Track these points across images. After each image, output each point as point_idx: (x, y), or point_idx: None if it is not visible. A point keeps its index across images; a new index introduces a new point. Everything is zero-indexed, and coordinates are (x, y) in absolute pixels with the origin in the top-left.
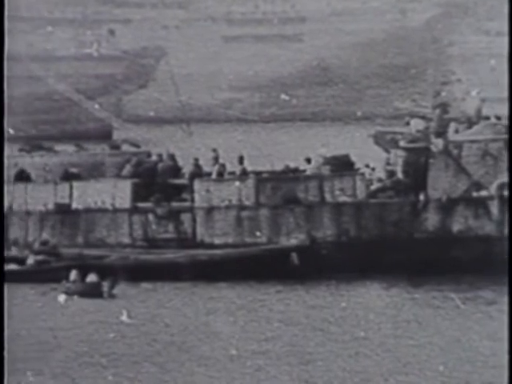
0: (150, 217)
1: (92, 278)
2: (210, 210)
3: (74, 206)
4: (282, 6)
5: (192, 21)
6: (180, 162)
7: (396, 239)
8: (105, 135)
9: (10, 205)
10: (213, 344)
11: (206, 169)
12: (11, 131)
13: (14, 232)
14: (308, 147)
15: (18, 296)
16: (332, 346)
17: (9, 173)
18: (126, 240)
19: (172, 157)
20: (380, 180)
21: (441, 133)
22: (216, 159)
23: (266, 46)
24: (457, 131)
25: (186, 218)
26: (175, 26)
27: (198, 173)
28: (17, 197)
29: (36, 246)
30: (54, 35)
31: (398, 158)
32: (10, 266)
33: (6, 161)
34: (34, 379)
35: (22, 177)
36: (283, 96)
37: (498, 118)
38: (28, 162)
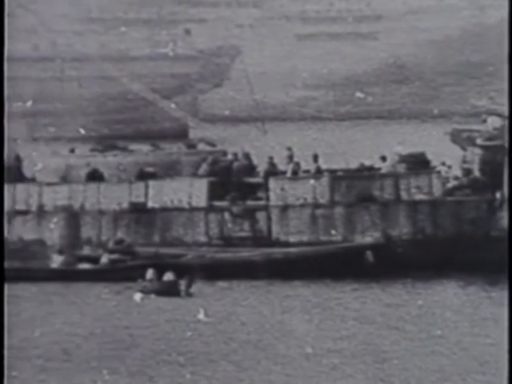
0: (226, 215)
1: (169, 276)
2: (284, 209)
3: (150, 204)
4: (357, 4)
5: (266, 19)
6: (255, 161)
7: (472, 237)
8: (181, 134)
9: (82, 204)
10: (288, 342)
11: (281, 167)
12: (82, 131)
13: (86, 231)
14: (383, 145)
15: (92, 295)
16: (408, 344)
17: (79, 172)
18: (203, 238)
19: (247, 155)
20: (456, 178)
21: None
22: (291, 157)
23: (341, 43)
24: None
25: (261, 216)
26: (249, 24)
27: (272, 171)
28: (89, 196)
29: (110, 244)
30: (128, 35)
31: (474, 155)
32: (83, 265)
33: (75, 160)
34: (110, 378)
35: (95, 176)
36: (358, 94)
37: None
38: (101, 161)
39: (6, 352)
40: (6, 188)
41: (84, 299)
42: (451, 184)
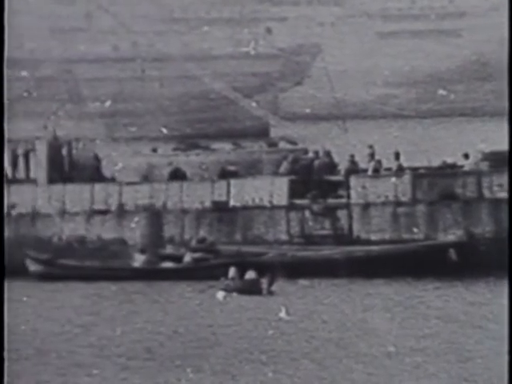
0: (307, 213)
1: (251, 275)
2: (366, 207)
3: (232, 203)
4: (440, 1)
5: (347, 17)
6: (336, 159)
7: None
8: (262, 133)
9: (164, 203)
10: (370, 341)
11: (362, 165)
12: (164, 131)
13: (169, 230)
14: (466, 143)
15: (175, 293)
16: (491, 343)
17: (161, 172)
18: (284, 237)
19: (328, 153)
20: None
21: None
22: (372, 155)
23: (423, 41)
24: None
25: (342, 214)
26: (331, 22)
27: (353, 169)
28: (171, 195)
29: (193, 243)
30: (210, 35)
31: None
32: (166, 264)
33: (157, 159)
34: (194, 376)
35: (177, 175)
36: (441, 91)
37: None
38: (183, 160)
39: (5, 352)
40: (85, 188)
41: (167, 298)
42: None
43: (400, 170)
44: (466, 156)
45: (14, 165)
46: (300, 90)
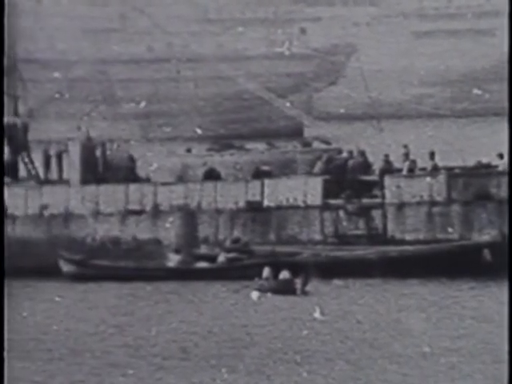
0: (341, 213)
1: (285, 275)
2: (400, 206)
3: (266, 203)
4: (476, 0)
5: (383, 17)
6: (370, 159)
7: None
8: (296, 133)
9: (199, 203)
10: (405, 341)
11: (397, 165)
12: (199, 131)
13: (203, 230)
14: (501, 142)
15: (209, 293)
16: None
17: (196, 172)
18: (318, 237)
19: (362, 153)
20: None
21: None
22: (407, 155)
23: (459, 40)
24: None
25: (376, 214)
26: (366, 22)
27: (388, 169)
28: (206, 195)
29: (227, 243)
30: (245, 35)
31: None
32: (200, 264)
33: (192, 160)
34: (229, 376)
35: (212, 175)
36: (476, 91)
37: None
38: (217, 160)
39: (5, 352)
40: (119, 188)
41: (201, 298)
42: None
43: (435, 170)
44: (501, 156)
45: (46, 166)
46: (334, 89)
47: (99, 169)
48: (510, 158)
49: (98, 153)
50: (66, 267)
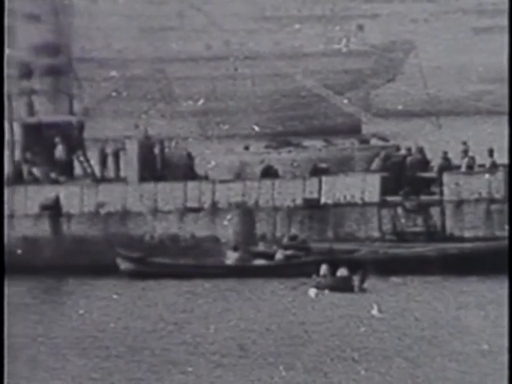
0: (399, 210)
1: (342, 272)
2: (459, 204)
3: (323, 200)
4: None
5: (441, 13)
6: (429, 156)
7: None
8: (353, 130)
9: (256, 201)
10: (464, 339)
11: (455, 162)
12: (256, 128)
13: (261, 227)
14: None
15: (267, 291)
16: None
17: (253, 169)
18: (376, 234)
19: (421, 150)
20: None
21: None
22: (465, 152)
23: None
24: None
25: (434, 211)
26: (424, 19)
27: (447, 166)
28: (263, 193)
29: (285, 241)
30: (302, 32)
31: None
32: (258, 261)
33: (249, 157)
34: (287, 374)
35: (269, 173)
36: None
37: None
38: (275, 158)
39: (5, 352)
40: (178, 186)
41: (259, 295)
42: None
43: (494, 167)
44: None
45: (103, 164)
46: (392, 86)
47: (157, 167)
48: (510, 157)
49: (156, 151)
50: (123, 265)
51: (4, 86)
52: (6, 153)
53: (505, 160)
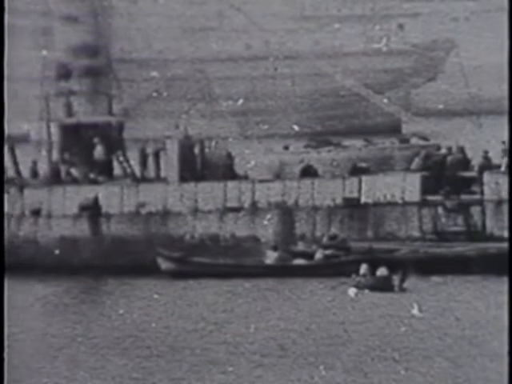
0: (440, 210)
1: (382, 271)
2: (499, 203)
3: (363, 200)
4: None
5: (482, 12)
6: (469, 155)
7: None
8: (393, 129)
9: (296, 200)
10: (504, 339)
11: (496, 161)
12: (296, 128)
13: (300, 227)
14: None
15: (307, 290)
16: None
17: (293, 169)
18: (416, 233)
19: (461, 149)
20: None
21: None
22: (506, 151)
23: None
24: None
25: (475, 210)
26: (465, 17)
27: (487, 165)
28: (303, 192)
29: (324, 240)
30: (342, 32)
31: None
32: (298, 261)
33: (289, 157)
34: (327, 373)
35: (309, 172)
36: None
37: None
38: (315, 157)
39: (5, 351)
40: (218, 186)
41: (299, 295)
42: None
43: None
44: None
45: (143, 164)
46: (433, 85)
47: (197, 166)
48: (510, 157)
49: (197, 151)
50: (164, 264)
51: (4, 86)
52: (43, 153)
53: None
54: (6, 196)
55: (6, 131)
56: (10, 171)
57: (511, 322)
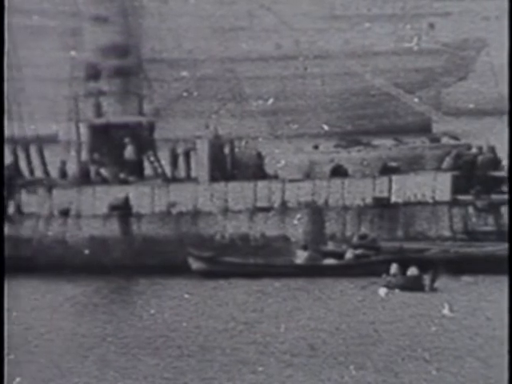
0: (470, 209)
1: (413, 271)
2: None
3: (394, 199)
4: None
5: None
6: (500, 154)
7: None
8: (424, 128)
9: (326, 200)
10: None
11: None
12: (326, 127)
13: (330, 227)
14: None
15: (337, 290)
16: None
17: (323, 169)
18: (446, 233)
19: (492, 149)
20: None
21: None
22: None
23: None
24: None
25: (505, 210)
26: (496, 16)
27: None
28: (333, 192)
29: (355, 240)
30: (372, 31)
31: None
32: (328, 261)
33: (319, 156)
34: (357, 373)
35: (339, 172)
36: None
37: None
38: (345, 157)
39: (5, 351)
40: (248, 185)
41: (329, 294)
42: None
43: None
44: None
45: (174, 164)
46: (463, 84)
47: (227, 166)
48: (509, 157)
49: (227, 150)
50: (195, 264)
51: (4, 87)
52: (72, 154)
53: None
54: (34, 196)
55: (35, 132)
56: (37, 171)
57: (511, 322)
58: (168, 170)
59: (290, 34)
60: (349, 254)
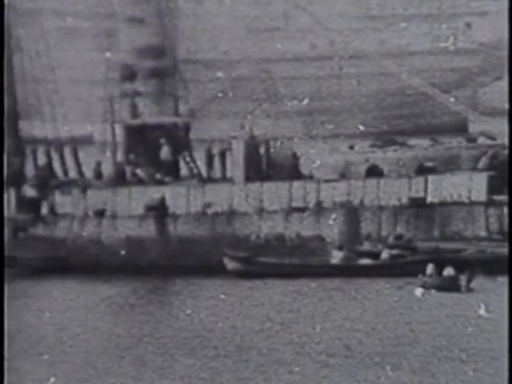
0: (506, 210)
1: (449, 271)
2: None
3: (429, 199)
4: None
5: None
6: None
7: None
8: (460, 128)
9: (362, 200)
10: None
11: None
12: (361, 128)
13: (366, 227)
14: None
15: (373, 290)
16: None
17: (358, 169)
18: (483, 233)
19: None
20: None
21: None
22: None
23: None
24: None
25: None
26: None
27: None
28: (368, 192)
29: (390, 240)
30: (408, 31)
31: None
32: (364, 261)
33: (354, 156)
34: (393, 374)
35: (374, 172)
36: None
37: None
38: (380, 157)
39: (5, 351)
40: (283, 186)
41: (365, 295)
42: None
43: None
44: None
45: (209, 164)
46: (500, 84)
47: (263, 167)
48: (509, 157)
49: (262, 151)
50: (230, 265)
51: (4, 86)
52: (108, 155)
53: None
54: (68, 197)
55: (70, 133)
56: (72, 172)
57: (511, 322)
58: (204, 171)
59: (325, 34)
60: (385, 254)
